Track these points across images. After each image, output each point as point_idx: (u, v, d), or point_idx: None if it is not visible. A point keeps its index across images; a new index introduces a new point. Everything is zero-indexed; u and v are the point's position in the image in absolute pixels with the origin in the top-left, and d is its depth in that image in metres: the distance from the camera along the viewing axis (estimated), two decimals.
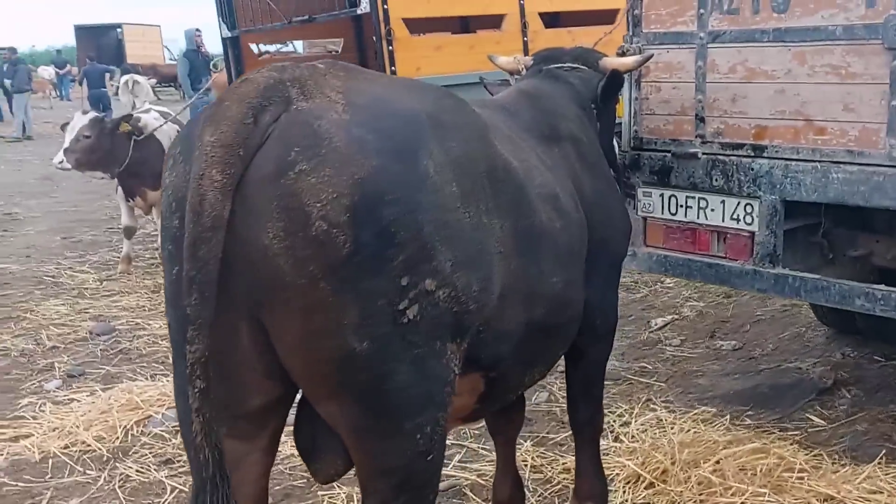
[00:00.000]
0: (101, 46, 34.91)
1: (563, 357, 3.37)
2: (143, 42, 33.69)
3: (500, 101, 3.28)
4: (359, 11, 6.92)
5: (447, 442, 4.32)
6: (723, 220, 3.91)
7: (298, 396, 2.38)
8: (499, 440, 3.69)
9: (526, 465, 4.22)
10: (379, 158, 2.01)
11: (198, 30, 13.88)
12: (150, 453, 4.55)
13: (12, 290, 7.94)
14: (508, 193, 2.48)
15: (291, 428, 2.46)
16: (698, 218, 3.99)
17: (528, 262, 2.55)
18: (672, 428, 4.37)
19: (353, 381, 2.12)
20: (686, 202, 4.02)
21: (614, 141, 3.98)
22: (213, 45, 12.68)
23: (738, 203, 3.85)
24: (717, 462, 3.95)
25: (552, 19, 7.73)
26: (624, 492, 3.87)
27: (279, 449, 4.08)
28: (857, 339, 5.44)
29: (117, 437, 4.73)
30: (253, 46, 9.00)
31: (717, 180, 3.89)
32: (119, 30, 34.70)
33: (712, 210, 3.94)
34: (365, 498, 2.33)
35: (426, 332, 2.14)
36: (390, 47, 6.46)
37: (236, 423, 2.24)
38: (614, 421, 4.56)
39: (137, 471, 4.39)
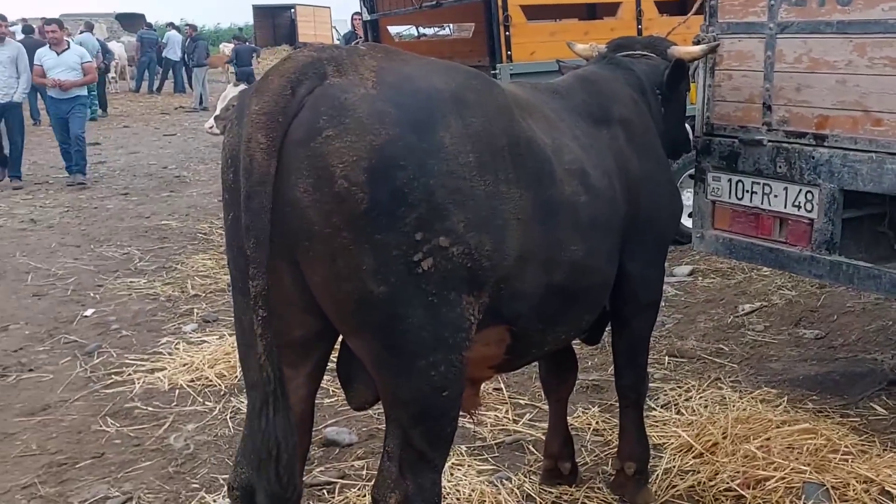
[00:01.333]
0: (276, 26, 36.64)
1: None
2: (315, 23, 34.90)
3: (555, 84, 3.55)
4: None
5: (521, 401, 4.81)
6: (785, 207, 4.04)
7: None
8: (551, 398, 4.00)
9: (589, 428, 4.51)
10: (396, 128, 2.35)
11: (357, 13, 14.54)
12: None
13: (169, 243, 8.86)
14: (531, 166, 2.76)
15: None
16: (762, 203, 4.13)
17: (548, 230, 2.82)
18: (732, 406, 4.51)
19: (372, 319, 2.46)
20: (752, 188, 4.17)
21: (686, 125, 4.18)
22: None
23: (800, 190, 3.97)
24: (767, 439, 4.09)
25: (668, 7, 7.80)
26: (673, 458, 4.08)
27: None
28: None
29: (235, 376, 5.30)
30: (406, 29, 9.43)
31: (780, 167, 4.02)
32: (292, 10, 35.97)
33: (775, 196, 4.08)
34: (388, 425, 2.67)
35: (440, 282, 2.45)
36: (507, 32, 6.74)
37: (282, 351, 2.56)
38: (679, 395, 4.75)
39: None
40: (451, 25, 10.84)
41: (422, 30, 10.70)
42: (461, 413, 2.83)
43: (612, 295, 3.41)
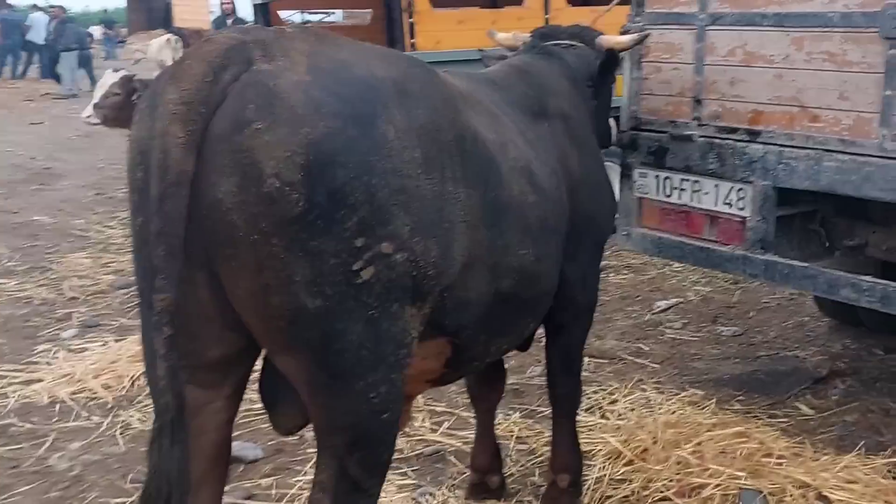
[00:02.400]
0: (151, 9, 35.18)
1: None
2: (192, 7, 33.84)
3: (491, 75, 3.32)
4: None
5: (438, 408, 4.56)
6: (715, 204, 3.93)
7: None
8: (479, 407, 3.77)
9: (512, 436, 4.31)
10: (335, 121, 2.06)
11: None
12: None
13: (41, 241, 8.19)
14: (477, 164, 2.52)
15: None
16: (692, 201, 4.01)
17: (496, 234, 2.59)
18: (659, 408, 4.41)
19: (306, 337, 2.17)
20: (681, 184, 4.04)
21: (611, 121, 4.01)
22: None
23: (732, 188, 3.86)
24: (699, 444, 3.97)
25: None
26: (603, 467, 3.91)
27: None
28: (860, 332, 5.42)
29: (123, 387, 4.91)
30: (291, 14, 9.05)
31: (711, 163, 3.90)
32: None
33: (706, 193, 3.96)
34: (320, 453, 2.38)
35: (382, 293, 2.18)
36: (411, 20, 6.48)
37: (197, 373, 2.30)
38: (603, 398, 4.61)
39: (139, 419, 4.56)
40: (339, 11, 10.48)
41: (306, 16, 10.29)
42: None
43: None
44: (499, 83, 3.15)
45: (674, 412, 4.34)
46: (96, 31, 28.38)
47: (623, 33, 4.06)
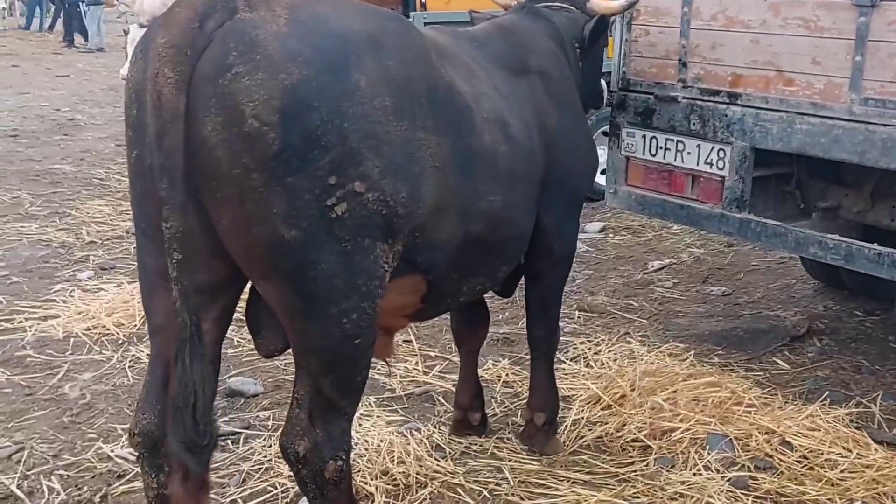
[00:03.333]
0: None
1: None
2: None
3: (474, 32, 3.48)
4: None
5: (431, 353, 4.79)
6: (697, 164, 4.09)
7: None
8: (462, 350, 3.99)
9: (499, 380, 4.52)
10: (309, 69, 2.26)
11: None
12: None
13: (63, 188, 8.45)
14: (449, 114, 2.70)
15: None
16: (675, 160, 4.18)
17: (466, 180, 2.78)
18: (641, 360, 4.60)
19: (283, 265, 2.38)
20: (665, 144, 4.20)
21: (602, 81, 4.17)
22: None
23: (712, 148, 4.02)
24: (674, 392, 4.18)
25: None
26: (581, 410, 4.13)
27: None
28: (844, 294, 5.57)
29: (135, 325, 5.13)
30: None
31: (694, 124, 4.06)
32: None
33: (688, 153, 4.12)
34: (297, 373, 2.60)
35: (354, 228, 2.38)
36: None
37: (188, 296, 2.44)
38: (589, 349, 4.81)
39: (148, 354, 4.75)
40: None
41: None
42: (375, 361, 2.77)
43: (527, 247, 3.40)
44: (479, 39, 3.32)
45: (653, 363, 4.54)
46: None
47: None
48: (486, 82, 3.03)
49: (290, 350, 2.68)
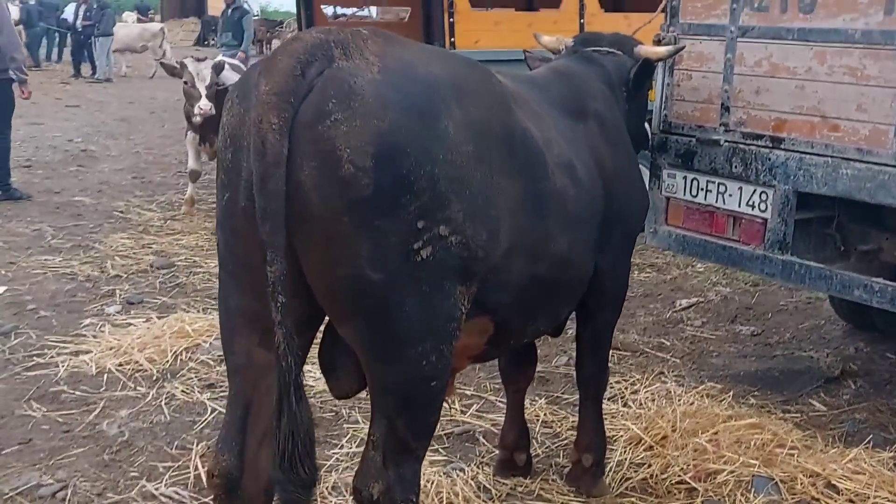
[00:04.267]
0: None
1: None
2: None
3: (534, 76, 3.56)
4: None
5: (468, 392, 4.80)
6: (739, 206, 4.14)
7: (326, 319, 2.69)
8: (510, 389, 4.01)
9: (538, 420, 4.52)
10: (402, 115, 2.32)
11: None
12: (196, 377, 4.96)
13: (84, 221, 8.48)
14: (523, 158, 2.77)
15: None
16: (717, 202, 4.23)
17: (537, 222, 2.83)
18: (678, 400, 4.61)
19: (366, 306, 2.42)
20: (706, 186, 4.26)
21: (646, 124, 4.24)
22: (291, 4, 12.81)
23: (754, 190, 4.07)
24: (716, 433, 4.18)
25: (612, 3, 7.91)
26: (624, 451, 4.14)
27: (312, 385, 4.49)
28: (873, 336, 5.61)
29: (167, 361, 5.15)
30: (325, 8, 9.29)
31: (736, 167, 4.12)
32: None
33: (730, 195, 4.17)
34: (373, 412, 2.64)
35: (436, 271, 2.43)
36: (451, 19, 6.71)
37: (267, 335, 2.48)
38: (626, 388, 4.83)
39: (182, 391, 4.79)
40: (374, 8, 10.68)
41: (339, 10, 10.50)
42: None
43: None
44: (541, 84, 3.39)
45: (692, 403, 4.54)
46: (130, 17, 28.77)
47: (656, 42, 4.28)
48: (553, 127, 3.09)
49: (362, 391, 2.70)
